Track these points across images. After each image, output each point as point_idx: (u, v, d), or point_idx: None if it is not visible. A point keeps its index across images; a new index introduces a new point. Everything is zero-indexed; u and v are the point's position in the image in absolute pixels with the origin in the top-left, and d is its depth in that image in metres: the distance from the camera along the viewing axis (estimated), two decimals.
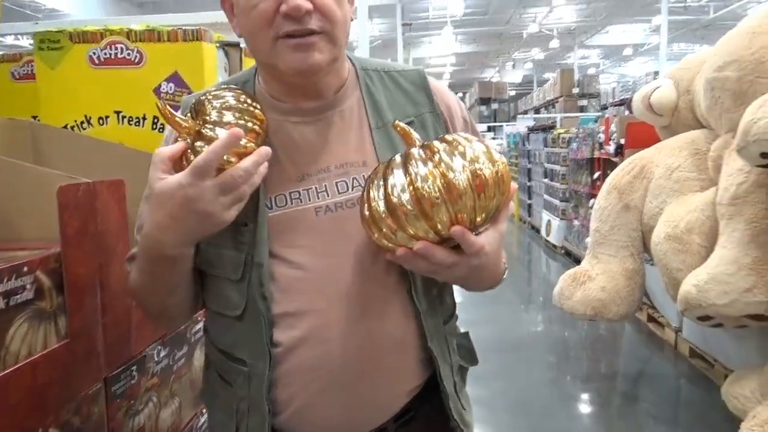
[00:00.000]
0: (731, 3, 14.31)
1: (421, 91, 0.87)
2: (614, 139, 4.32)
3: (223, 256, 0.78)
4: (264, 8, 0.73)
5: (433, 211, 0.67)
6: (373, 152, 0.81)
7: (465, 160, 0.68)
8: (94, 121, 1.27)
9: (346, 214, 0.78)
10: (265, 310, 0.77)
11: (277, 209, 0.79)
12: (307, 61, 0.75)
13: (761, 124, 1.80)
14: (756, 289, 2.00)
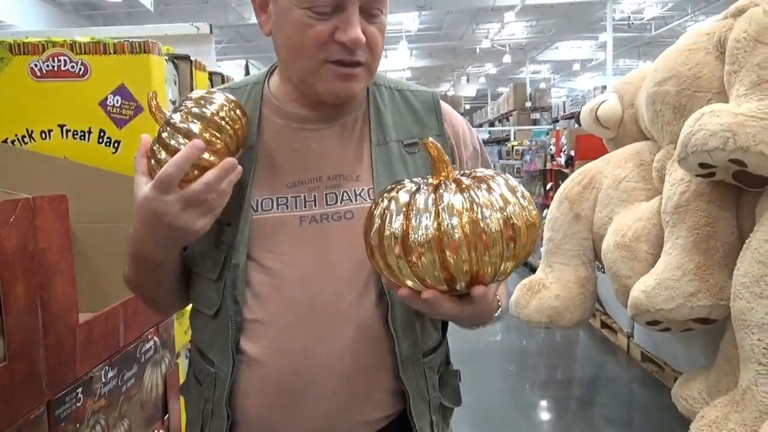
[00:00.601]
0: (671, 21, 15.04)
1: (432, 113, 0.87)
2: (565, 151, 4.45)
3: (204, 254, 0.78)
4: (320, 31, 0.73)
5: (455, 259, 0.60)
6: (369, 168, 0.80)
7: (498, 204, 0.61)
8: (36, 135, 1.23)
9: (331, 226, 0.78)
10: (234, 313, 0.76)
11: (262, 212, 0.78)
12: (347, 90, 0.77)
13: (699, 137, 1.89)
14: (700, 293, 2.08)
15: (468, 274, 0.61)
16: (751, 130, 1.82)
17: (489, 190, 0.62)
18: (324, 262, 0.77)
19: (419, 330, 0.80)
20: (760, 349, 1.77)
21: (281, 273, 0.77)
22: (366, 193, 0.80)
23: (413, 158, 0.83)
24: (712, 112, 1.93)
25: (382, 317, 0.77)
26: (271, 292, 0.77)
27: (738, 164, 1.87)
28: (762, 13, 1.99)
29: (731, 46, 2.08)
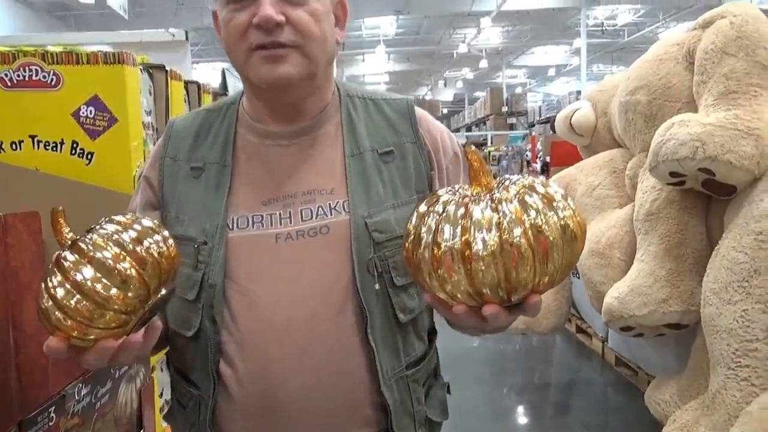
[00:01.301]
0: (643, 28, 15.35)
1: (406, 120, 0.86)
2: (540, 157, 4.51)
3: (182, 275, 0.76)
4: (239, 20, 0.73)
5: (518, 270, 0.57)
6: (343, 180, 0.80)
7: (552, 207, 0.58)
8: (6, 146, 1.21)
9: (307, 243, 0.77)
10: (213, 333, 0.75)
11: (238, 231, 0.78)
12: (277, 73, 0.74)
13: (669, 146, 1.93)
14: (671, 299, 2.12)
15: (529, 284, 0.58)
16: (719, 140, 1.87)
17: (538, 195, 0.59)
18: (300, 279, 0.76)
19: (401, 342, 0.80)
20: (729, 353, 1.82)
21: (258, 292, 0.76)
22: (341, 206, 0.79)
23: (388, 167, 0.82)
24: (682, 121, 1.97)
25: (361, 331, 0.77)
26: (249, 312, 0.76)
27: (707, 173, 1.92)
28: (728, 26, 2.05)
29: (700, 57, 2.13)
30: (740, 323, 1.80)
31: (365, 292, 0.76)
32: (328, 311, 0.76)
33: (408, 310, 0.80)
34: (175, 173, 0.84)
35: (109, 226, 0.64)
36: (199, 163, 0.83)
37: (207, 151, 0.84)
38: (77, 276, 0.59)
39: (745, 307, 1.80)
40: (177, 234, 0.79)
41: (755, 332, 1.77)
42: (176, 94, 1.48)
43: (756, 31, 2.00)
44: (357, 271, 0.76)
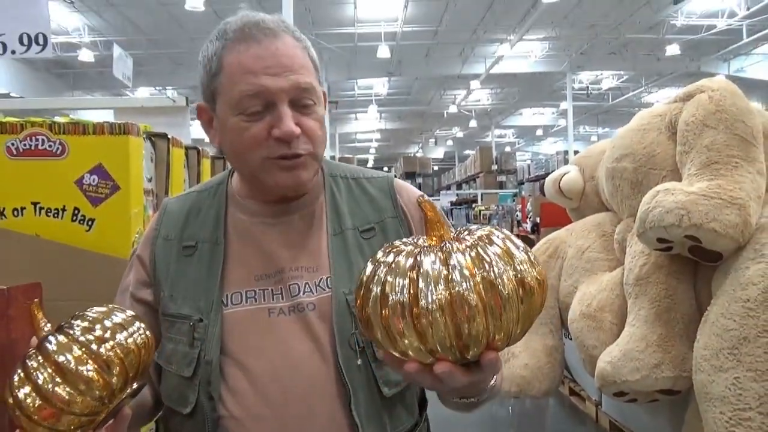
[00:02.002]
0: (627, 92, 15.89)
1: (387, 197, 0.89)
2: (531, 218, 4.58)
3: (178, 352, 0.78)
4: (256, 131, 0.77)
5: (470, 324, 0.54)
6: (327, 258, 0.83)
7: (506, 261, 0.56)
8: (8, 212, 1.23)
9: (297, 317, 0.79)
10: (210, 410, 0.76)
11: (233, 307, 0.80)
12: (294, 180, 0.79)
13: (655, 213, 1.99)
14: (663, 365, 2.12)
15: (483, 340, 0.55)
16: (704, 208, 1.92)
17: (495, 247, 0.57)
18: (293, 355, 0.78)
19: (386, 416, 0.81)
20: (722, 422, 1.81)
21: (253, 367, 0.78)
22: (325, 282, 0.82)
23: (370, 243, 0.85)
24: (667, 190, 2.04)
25: (346, 407, 0.77)
26: (246, 387, 0.77)
27: (693, 240, 1.97)
28: (707, 100, 2.15)
29: (681, 129, 2.22)
30: (732, 391, 1.80)
31: (348, 367, 0.78)
32: (319, 386, 0.78)
33: (393, 384, 0.81)
34: (168, 252, 0.86)
35: (79, 322, 0.64)
36: (192, 242, 0.85)
37: (198, 230, 0.86)
38: (38, 378, 0.59)
39: (737, 374, 1.80)
40: (171, 312, 0.81)
41: (748, 401, 1.77)
42: (177, 161, 1.52)
43: (734, 106, 2.09)
44: (339, 347, 0.78)
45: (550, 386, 2.87)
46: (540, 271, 0.58)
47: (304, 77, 0.78)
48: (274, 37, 0.78)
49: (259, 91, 0.76)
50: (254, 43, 0.77)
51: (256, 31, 0.78)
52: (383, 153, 26.58)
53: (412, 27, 11.14)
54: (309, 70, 0.81)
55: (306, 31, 8.47)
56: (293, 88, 0.77)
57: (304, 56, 0.81)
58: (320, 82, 0.84)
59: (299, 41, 0.82)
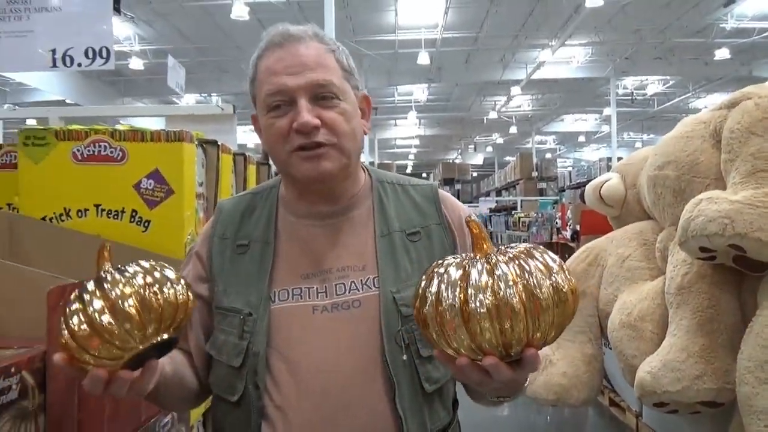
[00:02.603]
0: (673, 98, 15.47)
1: (432, 204, 0.94)
2: (570, 225, 4.53)
3: (229, 343, 0.84)
4: (279, 126, 0.84)
5: (512, 325, 0.62)
6: (374, 258, 0.87)
7: (545, 272, 0.64)
8: (73, 214, 1.32)
9: (341, 315, 0.84)
10: (256, 398, 0.82)
11: (280, 303, 0.85)
12: (317, 169, 0.85)
13: (698, 221, 1.96)
14: (705, 376, 2.09)
15: (524, 340, 0.64)
16: (748, 217, 1.89)
17: (534, 260, 0.65)
18: (335, 349, 0.83)
19: (427, 411, 0.85)
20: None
21: (297, 360, 0.83)
22: (371, 281, 0.87)
23: (415, 246, 0.90)
24: (710, 198, 2.01)
25: (390, 400, 0.82)
26: (289, 379, 0.83)
27: (737, 249, 1.94)
28: (753, 107, 2.11)
29: (726, 136, 2.19)
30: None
31: (394, 362, 0.82)
32: (361, 379, 0.82)
33: (433, 380, 0.85)
34: (223, 251, 0.92)
35: (132, 267, 0.71)
36: (245, 241, 0.91)
37: (251, 230, 0.92)
38: (90, 307, 0.66)
39: None
40: (224, 306, 0.87)
41: None
42: (225, 166, 1.60)
43: None
44: (386, 343, 0.83)
45: (589, 395, 2.85)
46: (573, 282, 0.66)
47: (322, 74, 0.84)
48: (297, 41, 0.85)
49: (280, 89, 0.83)
50: (278, 48, 0.85)
51: (281, 38, 0.86)
52: (422, 159, 26.59)
53: (453, 33, 11.16)
54: (330, 69, 0.86)
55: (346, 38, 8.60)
56: (310, 84, 0.83)
57: (327, 57, 0.86)
58: (354, 83, 0.89)
59: (326, 45, 0.88)
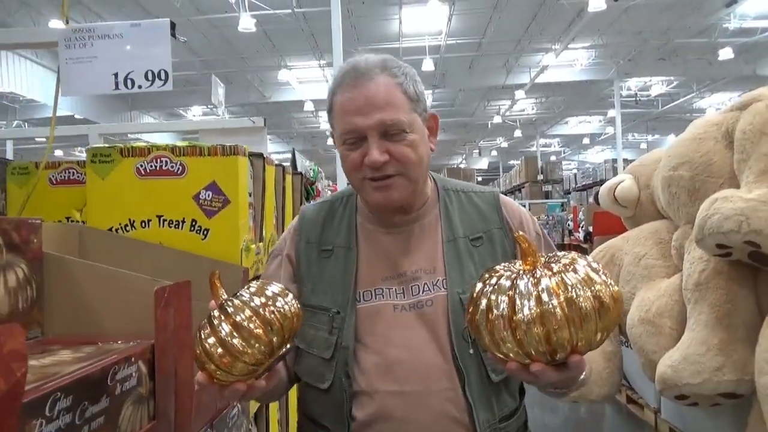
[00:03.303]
0: (677, 98, 15.54)
1: (494, 210, 1.03)
2: (583, 227, 4.61)
3: (319, 338, 0.95)
4: (353, 158, 0.94)
5: (557, 334, 0.68)
6: (442, 261, 0.98)
7: (586, 283, 0.70)
8: (137, 224, 1.42)
9: (417, 313, 0.95)
10: (348, 386, 0.92)
11: (365, 302, 0.96)
12: (386, 199, 0.95)
13: (714, 219, 2.05)
14: (725, 368, 2.17)
15: (568, 346, 0.70)
16: (763, 214, 1.98)
17: (576, 272, 0.71)
18: (413, 343, 0.93)
19: (494, 398, 0.94)
20: None
21: (382, 352, 0.93)
22: (441, 283, 0.97)
23: (478, 251, 0.99)
24: (726, 197, 2.10)
25: (461, 389, 0.92)
26: (375, 368, 0.93)
27: (752, 245, 2.02)
28: (765, 108, 2.20)
29: (739, 137, 2.28)
30: None
31: (462, 355, 0.92)
32: (436, 369, 0.92)
33: (499, 371, 0.94)
34: (309, 254, 1.03)
35: (246, 292, 0.80)
36: (329, 246, 1.02)
37: (334, 236, 1.03)
38: (221, 332, 0.75)
39: None
40: (312, 304, 0.97)
41: None
42: (269, 177, 1.69)
43: None
44: (454, 338, 0.93)
45: (610, 391, 2.93)
46: (615, 291, 0.72)
47: (389, 114, 0.92)
48: (368, 80, 0.93)
49: (353, 128, 0.93)
50: (350, 87, 0.94)
51: (352, 76, 0.94)
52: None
53: (456, 39, 11.28)
54: (397, 105, 0.93)
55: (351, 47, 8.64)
56: (378, 124, 0.92)
57: (394, 93, 0.94)
58: (423, 107, 0.98)
59: (395, 77, 0.95)
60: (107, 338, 0.91)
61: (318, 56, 11.75)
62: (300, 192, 2.27)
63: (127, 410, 0.78)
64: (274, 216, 1.78)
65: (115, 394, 0.75)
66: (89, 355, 0.81)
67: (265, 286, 0.81)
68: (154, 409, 0.86)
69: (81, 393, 0.67)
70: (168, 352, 0.90)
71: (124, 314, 0.96)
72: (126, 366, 0.78)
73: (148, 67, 1.41)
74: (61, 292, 1.00)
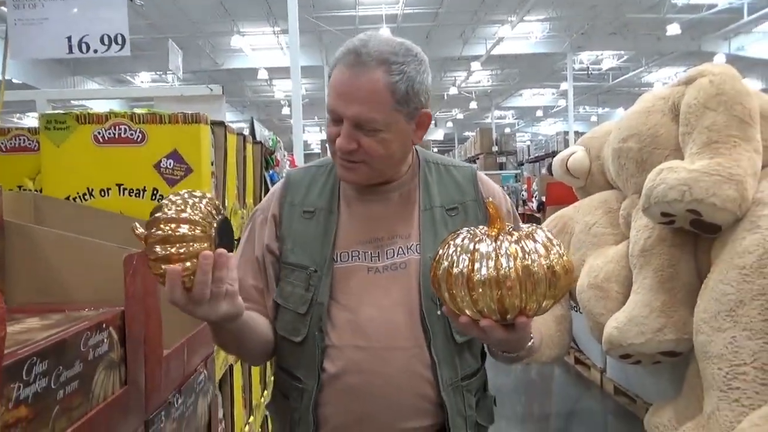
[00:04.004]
0: (627, 72, 15.95)
1: (470, 184, 1.08)
2: (536, 197, 4.75)
3: (295, 294, 0.99)
4: (331, 131, 0.98)
5: (509, 295, 0.73)
6: (417, 228, 1.02)
7: (542, 252, 0.74)
8: (96, 193, 1.39)
9: (390, 275, 0.99)
10: (320, 340, 0.97)
11: (341, 263, 1.00)
12: (347, 178, 1.00)
13: (660, 189, 2.16)
14: (666, 328, 2.32)
15: (518, 308, 0.75)
16: (704, 185, 2.10)
17: (534, 242, 0.76)
18: (385, 302, 0.98)
19: (457, 358, 1.00)
20: (720, 377, 2.00)
21: (354, 309, 0.98)
22: (415, 247, 1.01)
23: (453, 220, 1.04)
24: (671, 168, 2.21)
25: (427, 347, 0.97)
26: (347, 324, 0.97)
27: (694, 213, 2.15)
28: (709, 84, 2.31)
29: (684, 111, 2.39)
30: (729, 349, 1.99)
31: (430, 316, 0.97)
32: (404, 327, 0.97)
33: (463, 333, 0.98)
34: (292, 214, 1.05)
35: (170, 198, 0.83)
36: (311, 208, 1.05)
37: (317, 199, 1.05)
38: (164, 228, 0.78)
39: (734, 334, 1.99)
40: (292, 262, 1.01)
41: (743, 357, 1.96)
42: (231, 146, 1.68)
43: (733, 89, 2.25)
44: (423, 299, 0.98)
45: (559, 353, 3.07)
46: (568, 261, 0.76)
47: (366, 111, 0.93)
48: (361, 70, 0.93)
49: (333, 109, 0.96)
50: (345, 70, 0.95)
51: (350, 59, 0.94)
52: None
53: (413, 9, 11.20)
54: (379, 104, 0.92)
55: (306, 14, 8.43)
56: (353, 116, 0.94)
57: (380, 91, 0.93)
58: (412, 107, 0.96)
59: (390, 75, 0.93)
60: (74, 306, 0.91)
61: (272, 22, 11.45)
62: (260, 161, 2.26)
63: (99, 375, 0.79)
64: (235, 185, 1.77)
65: (88, 359, 0.76)
66: (58, 322, 0.81)
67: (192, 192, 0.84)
68: (125, 374, 0.87)
69: (56, 358, 0.68)
70: (137, 319, 0.90)
71: (90, 282, 0.96)
72: (97, 332, 0.78)
73: (104, 30, 1.37)
74: (23, 260, 0.98)
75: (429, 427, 0.99)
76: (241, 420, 1.71)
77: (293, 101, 6.06)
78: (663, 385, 2.78)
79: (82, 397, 0.74)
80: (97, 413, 0.77)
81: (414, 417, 0.97)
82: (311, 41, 12.31)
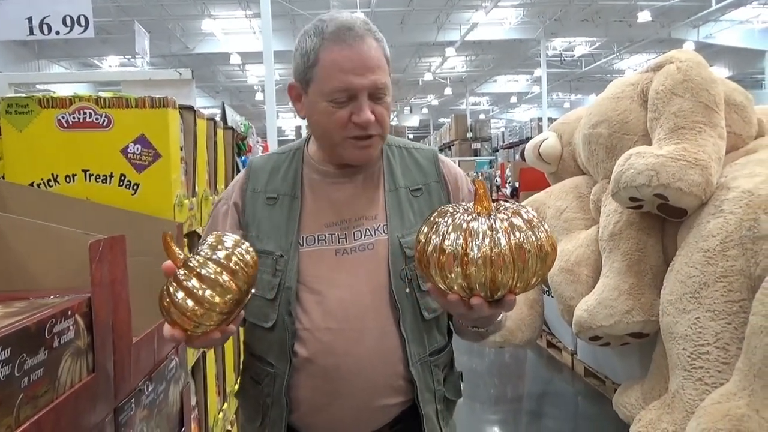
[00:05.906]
0: (599, 59, 16.12)
1: (432, 165, 1.09)
2: (510, 183, 4.79)
3: (263, 281, 0.98)
4: (340, 116, 0.96)
5: (502, 273, 0.73)
6: (384, 209, 1.02)
7: (533, 230, 0.74)
8: (61, 179, 1.36)
9: (357, 256, 0.99)
10: (290, 324, 0.97)
11: (307, 246, 1.00)
12: (366, 157, 1.00)
13: (628, 174, 2.20)
14: (634, 311, 2.37)
15: (508, 285, 0.74)
16: (671, 170, 2.15)
17: (523, 219, 0.76)
18: (354, 283, 0.98)
19: (425, 334, 1.01)
20: (684, 357, 2.06)
21: (323, 292, 0.98)
22: (381, 228, 1.02)
23: (418, 200, 1.05)
24: (639, 153, 2.25)
25: (396, 324, 0.98)
26: (316, 307, 0.98)
27: (661, 198, 2.19)
28: (675, 70, 2.35)
29: (652, 97, 2.43)
30: (693, 330, 2.05)
31: (399, 294, 0.98)
32: (374, 307, 0.98)
33: (432, 310, 1.01)
34: (255, 202, 1.05)
35: (206, 247, 0.81)
36: (274, 194, 1.04)
37: (279, 185, 1.05)
38: (191, 287, 0.77)
39: (697, 315, 2.05)
40: (257, 248, 0.99)
41: (707, 337, 2.03)
42: (201, 131, 1.66)
43: (699, 76, 2.30)
44: (392, 278, 0.99)
45: (532, 336, 3.14)
46: (552, 238, 0.77)
47: (381, 77, 0.96)
48: (361, 40, 0.96)
49: (348, 87, 0.95)
50: (347, 46, 0.95)
51: (348, 35, 0.96)
52: None
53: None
54: (384, 69, 0.98)
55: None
56: (372, 86, 0.96)
57: (381, 57, 0.98)
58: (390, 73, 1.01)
59: (378, 42, 0.99)
60: (39, 293, 0.89)
61: (245, 6, 11.26)
62: (232, 147, 2.23)
63: (65, 363, 0.77)
64: (206, 171, 1.75)
65: (53, 347, 0.75)
66: (22, 309, 0.79)
67: (221, 239, 0.83)
68: (93, 362, 0.86)
69: (19, 345, 0.67)
70: (105, 306, 0.89)
71: (56, 269, 0.94)
72: (63, 319, 0.77)
73: (66, 12, 1.33)
74: None
75: (401, 403, 1.00)
76: (214, 407, 1.71)
77: (266, 87, 5.99)
78: (631, 366, 2.85)
79: (48, 385, 0.73)
80: (63, 401, 0.76)
81: (386, 395, 0.99)
82: (284, 25, 12.15)
